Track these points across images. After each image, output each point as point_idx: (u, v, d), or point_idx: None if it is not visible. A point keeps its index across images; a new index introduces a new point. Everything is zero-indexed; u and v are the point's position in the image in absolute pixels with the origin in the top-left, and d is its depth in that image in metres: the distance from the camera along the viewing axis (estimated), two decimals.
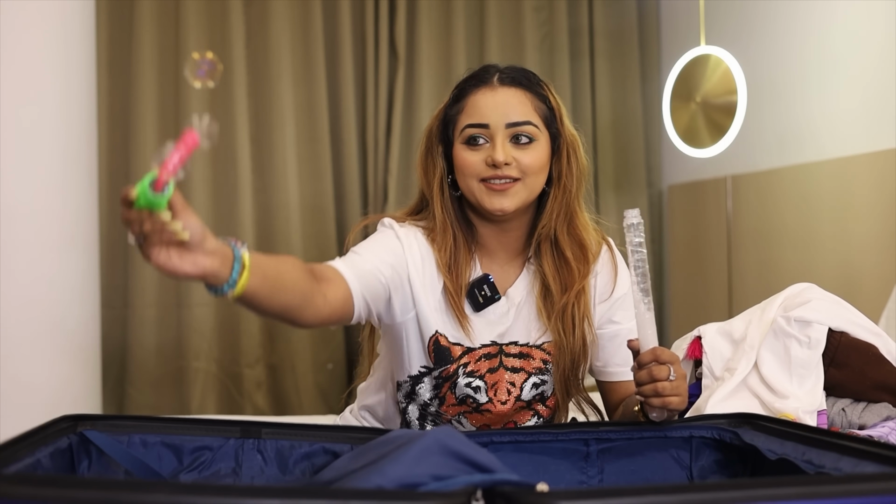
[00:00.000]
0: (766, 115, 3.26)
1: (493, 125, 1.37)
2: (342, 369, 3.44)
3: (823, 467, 0.95)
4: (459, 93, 1.43)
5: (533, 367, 1.44)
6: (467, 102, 1.41)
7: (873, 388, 1.45)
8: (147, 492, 0.67)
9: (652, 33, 3.96)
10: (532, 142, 1.38)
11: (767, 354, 1.46)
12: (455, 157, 1.41)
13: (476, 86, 1.41)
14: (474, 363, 1.42)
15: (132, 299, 3.21)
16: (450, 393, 1.43)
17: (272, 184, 3.36)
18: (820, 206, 2.99)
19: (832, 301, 1.50)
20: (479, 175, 1.37)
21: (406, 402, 1.47)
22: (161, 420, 1.11)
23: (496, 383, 1.42)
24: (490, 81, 1.41)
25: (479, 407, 1.43)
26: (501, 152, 1.35)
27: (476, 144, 1.38)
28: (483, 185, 1.38)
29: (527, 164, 1.37)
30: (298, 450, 1.11)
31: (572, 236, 1.44)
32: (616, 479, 1.13)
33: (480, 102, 1.39)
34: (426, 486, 0.77)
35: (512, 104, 1.39)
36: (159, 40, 3.25)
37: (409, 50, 3.56)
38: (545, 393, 1.46)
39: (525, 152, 1.37)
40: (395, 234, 1.41)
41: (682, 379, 1.17)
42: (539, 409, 1.47)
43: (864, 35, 2.87)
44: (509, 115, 1.38)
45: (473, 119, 1.39)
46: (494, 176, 1.36)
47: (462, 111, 1.41)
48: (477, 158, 1.38)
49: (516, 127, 1.38)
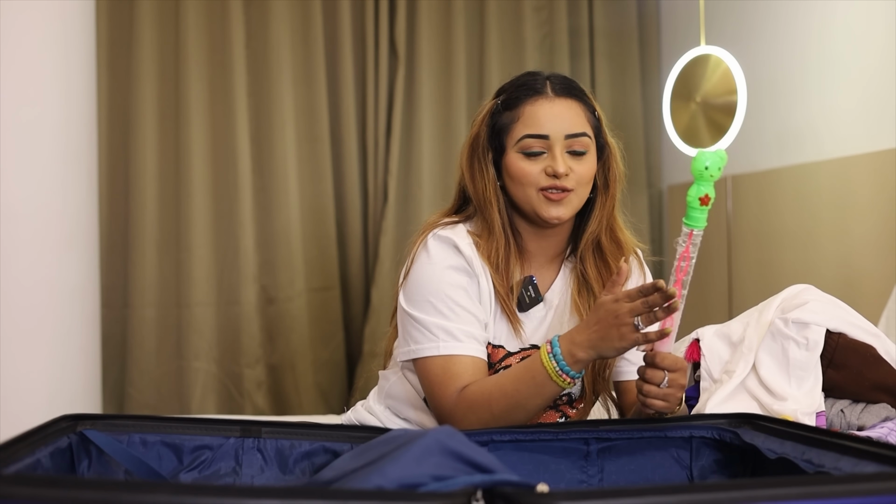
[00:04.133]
0: (766, 115, 3.26)
1: (553, 136, 1.39)
2: (342, 369, 3.44)
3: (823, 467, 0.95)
4: (512, 101, 1.44)
5: None
6: (524, 112, 1.41)
7: (872, 389, 1.45)
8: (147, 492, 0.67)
9: (652, 33, 3.96)
10: (586, 153, 1.42)
11: (765, 356, 1.46)
12: (510, 165, 1.42)
13: (531, 95, 1.42)
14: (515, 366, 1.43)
15: (132, 299, 3.21)
16: None
17: (272, 184, 3.36)
18: (820, 206, 2.99)
19: (830, 302, 1.50)
20: (538, 185, 1.39)
21: None
22: (161, 420, 1.11)
23: None
24: (545, 91, 1.42)
25: None
26: (562, 164, 1.38)
27: (534, 155, 1.40)
28: (541, 194, 1.40)
29: (582, 174, 1.40)
30: (298, 449, 1.11)
31: (613, 240, 1.49)
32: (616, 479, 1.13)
33: (539, 113, 1.40)
34: (426, 487, 0.77)
35: (569, 115, 1.41)
36: (159, 40, 3.25)
37: (409, 50, 3.56)
38: (573, 395, 1.47)
39: (580, 163, 1.41)
40: (464, 262, 1.41)
41: (678, 388, 1.26)
42: (566, 411, 1.48)
43: (864, 35, 2.87)
44: (568, 127, 1.40)
45: (532, 130, 1.40)
46: (553, 186, 1.39)
47: (518, 120, 1.42)
48: (536, 169, 1.39)
49: (574, 139, 1.40)
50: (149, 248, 3.21)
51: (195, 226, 3.24)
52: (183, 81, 3.24)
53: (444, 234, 1.43)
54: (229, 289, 3.30)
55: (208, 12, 3.29)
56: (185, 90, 3.24)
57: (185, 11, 3.25)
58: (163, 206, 3.26)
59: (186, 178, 3.25)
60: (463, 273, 1.40)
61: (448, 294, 1.38)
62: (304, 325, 3.35)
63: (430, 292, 1.38)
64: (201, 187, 3.27)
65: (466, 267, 1.40)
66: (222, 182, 3.31)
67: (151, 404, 3.18)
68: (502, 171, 1.45)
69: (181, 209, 3.25)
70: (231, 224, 3.30)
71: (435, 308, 1.37)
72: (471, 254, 1.41)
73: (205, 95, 3.28)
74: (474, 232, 1.46)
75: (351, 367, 3.44)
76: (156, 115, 3.25)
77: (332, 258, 3.42)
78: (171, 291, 3.25)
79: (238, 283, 3.29)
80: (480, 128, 1.47)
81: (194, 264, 3.24)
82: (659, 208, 3.93)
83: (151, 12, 3.23)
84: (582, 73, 3.85)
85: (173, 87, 3.26)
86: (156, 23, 3.24)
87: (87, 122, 2.54)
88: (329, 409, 3.37)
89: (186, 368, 3.24)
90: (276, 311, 3.35)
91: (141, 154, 3.21)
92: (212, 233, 3.29)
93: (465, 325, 1.37)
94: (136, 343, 3.20)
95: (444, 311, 1.37)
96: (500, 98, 1.46)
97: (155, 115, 3.24)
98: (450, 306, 1.37)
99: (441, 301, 1.37)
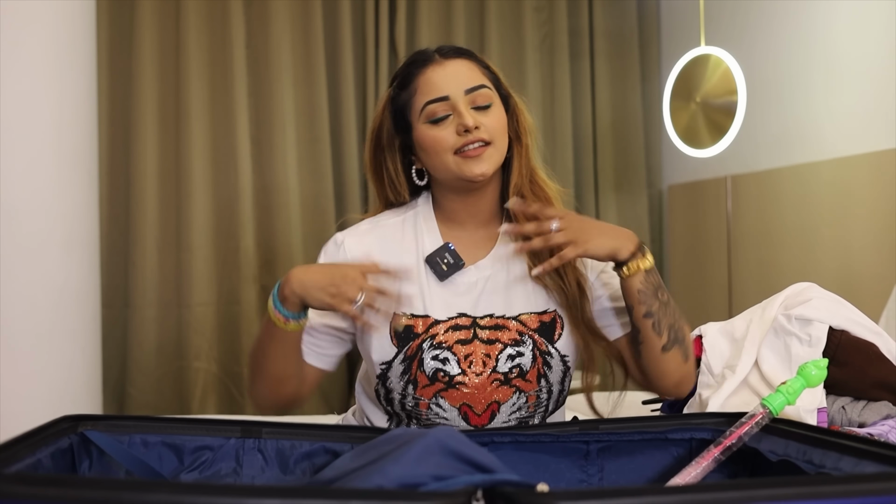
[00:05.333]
0: (765, 115, 3.26)
1: (453, 95, 1.39)
2: (342, 369, 3.44)
3: (824, 467, 0.95)
4: (405, 78, 1.44)
5: (508, 338, 1.41)
6: (419, 83, 1.42)
7: (873, 386, 1.45)
8: (148, 492, 0.67)
9: (652, 33, 3.96)
10: (491, 105, 1.41)
11: (768, 352, 1.47)
12: (420, 138, 1.42)
13: (421, 66, 1.43)
14: (442, 334, 1.40)
15: (132, 299, 3.21)
16: (419, 372, 1.40)
17: (272, 184, 3.36)
18: (820, 206, 2.99)
19: (833, 300, 1.51)
20: (452, 147, 1.38)
21: (386, 403, 1.47)
22: (161, 420, 1.11)
23: (469, 355, 1.40)
24: (434, 59, 1.43)
25: (451, 381, 1.39)
26: (469, 117, 1.37)
27: (440, 120, 1.39)
28: (458, 156, 1.39)
29: (492, 125, 1.39)
30: (299, 449, 1.11)
31: (536, 193, 1.46)
32: (616, 479, 1.13)
33: (434, 78, 1.40)
34: (426, 486, 0.77)
35: (462, 72, 1.41)
36: (159, 40, 3.25)
37: (409, 50, 3.55)
38: (523, 367, 1.41)
39: (487, 115, 1.40)
40: (342, 256, 1.44)
41: (577, 221, 1.33)
42: (520, 385, 1.42)
43: (863, 35, 2.88)
44: (465, 83, 1.40)
45: (431, 95, 1.40)
46: (467, 142, 1.37)
47: (416, 93, 1.42)
48: (446, 132, 1.39)
49: (474, 92, 1.40)
50: (149, 248, 3.22)
51: (195, 226, 3.24)
52: (183, 81, 3.25)
53: (339, 236, 1.47)
54: (229, 289, 3.30)
55: (208, 12, 3.29)
56: (186, 90, 3.24)
57: (185, 12, 3.25)
58: (163, 206, 3.26)
59: (186, 178, 3.25)
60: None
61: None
62: None
63: None
64: (201, 187, 3.27)
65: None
66: (222, 182, 3.31)
67: (152, 404, 3.18)
68: (415, 150, 1.45)
69: (181, 209, 3.25)
70: (231, 224, 3.30)
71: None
72: (358, 247, 1.44)
73: (205, 95, 3.28)
74: (386, 218, 1.48)
75: (351, 367, 3.44)
76: (156, 115, 3.25)
77: None
78: (172, 291, 3.25)
79: (238, 283, 3.29)
80: (382, 117, 1.48)
81: (194, 264, 3.24)
82: (659, 208, 3.93)
83: (152, 12, 3.23)
84: (582, 74, 3.85)
85: (173, 87, 3.27)
86: (156, 23, 3.24)
87: (88, 123, 2.54)
88: (329, 409, 3.37)
89: (187, 368, 3.24)
90: None
91: (141, 154, 3.21)
92: (212, 233, 3.29)
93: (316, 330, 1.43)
94: (137, 343, 3.20)
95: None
96: (395, 83, 1.47)
97: (155, 115, 3.25)
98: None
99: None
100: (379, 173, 1.50)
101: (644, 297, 1.36)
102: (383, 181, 1.50)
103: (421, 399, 1.41)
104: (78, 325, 2.45)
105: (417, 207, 1.50)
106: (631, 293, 1.37)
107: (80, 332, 2.46)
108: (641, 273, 1.35)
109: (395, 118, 1.46)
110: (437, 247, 1.44)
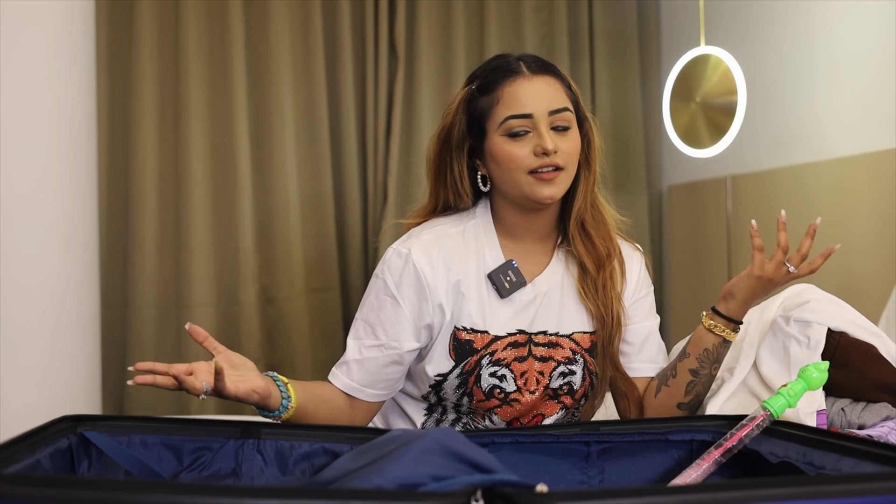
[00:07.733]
0: (766, 115, 3.26)
1: (537, 114, 1.36)
2: None
3: (824, 469, 0.95)
4: (488, 85, 1.40)
5: (561, 356, 1.43)
6: (503, 93, 1.38)
7: (872, 388, 1.45)
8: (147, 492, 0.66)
9: (652, 33, 3.96)
10: (569, 128, 1.38)
11: (767, 354, 1.46)
12: (495, 150, 1.38)
13: (507, 76, 1.38)
14: (501, 351, 1.40)
15: (132, 299, 3.20)
16: (476, 388, 1.40)
17: (272, 184, 3.36)
18: (820, 206, 2.99)
19: (831, 301, 1.50)
20: (528, 167, 1.36)
21: (433, 412, 1.47)
22: (161, 420, 1.11)
23: (525, 372, 1.41)
24: (521, 71, 1.38)
25: (507, 398, 1.41)
26: (549, 140, 1.34)
27: (519, 135, 1.36)
28: (531, 176, 1.36)
29: (568, 150, 1.37)
30: (298, 450, 1.11)
31: (595, 217, 1.46)
32: (617, 480, 1.13)
33: (520, 92, 1.37)
34: (426, 487, 0.77)
35: (549, 91, 1.38)
36: (159, 40, 3.25)
37: (409, 50, 3.55)
38: (573, 384, 1.44)
39: (565, 139, 1.37)
40: (415, 277, 1.40)
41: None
42: (566, 402, 1.46)
43: (863, 35, 2.87)
44: (550, 103, 1.37)
45: (515, 110, 1.36)
46: (543, 165, 1.35)
47: (498, 103, 1.38)
48: (524, 151, 1.36)
49: (557, 114, 1.37)
50: (149, 248, 3.21)
51: (195, 226, 3.24)
52: (183, 81, 3.24)
53: (402, 248, 1.42)
54: (229, 289, 3.29)
55: (208, 12, 3.29)
56: (185, 90, 3.24)
57: (184, 11, 3.24)
58: (163, 206, 3.26)
59: (186, 178, 3.24)
60: (409, 290, 1.39)
61: (370, 322, 1.41)
62: (304, 325, 3.35)
63: (362, 313, 1.43)
64: (201, 187, 3.26)
65: (415, 282, 1.39)
66: (222, 182, 3.30)
67: (151, 404, 3.18)
68: (485, 157, 1.42)
69: (181, 209, 3.25)
70: (231, 224, 3.29)
71: (356, 330, 1.43)
72: (427, 261, 1.39)
73: (205, 95, 3.27)
74: (448, 227, 1.44)
75: None
76: (156, 115, 3.24)
77: (332, 258, 3.41)
78: (171, 291, 3.24)
79: (238, 283, 3.29)
80: (455, 117, 1.43)
81: (194, 264, 3.24)
82: (659, 208, 3.93)
83: (151, 12, 3.23)
84: (582, 73, 3.85)
85: (173, 87, 3.26)
86: (155, 23, 3.24)
87: (87, 122, 2.54)
88: None
89: None
90: (275, 311, 3.34)
91: (141, 154, 3.21)
92: (212, 233, 3.29)
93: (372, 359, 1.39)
94: (136, 343, 3.20)
95: (363, 337, 1.41)
96: (475, 84, 1.43)
97: (155, 115, 3.24)
98: (368, 333, 1.41)
99: (364, 326, 1.42)
100: (442, 172, 1.46)
101: (705, 357, 1.40)
102: (445, 181, 1.46)
103: (477, 410, 1.44)
104: (77, 325, 2.45)
105: (476, 218, 1.46)
106: (699, 344, 1.40)
107: (79, 332, 2.46)
108: (721, 339, 1.39)
109: (469, 121, 1.42)
110: (499, 263, 1.42)
